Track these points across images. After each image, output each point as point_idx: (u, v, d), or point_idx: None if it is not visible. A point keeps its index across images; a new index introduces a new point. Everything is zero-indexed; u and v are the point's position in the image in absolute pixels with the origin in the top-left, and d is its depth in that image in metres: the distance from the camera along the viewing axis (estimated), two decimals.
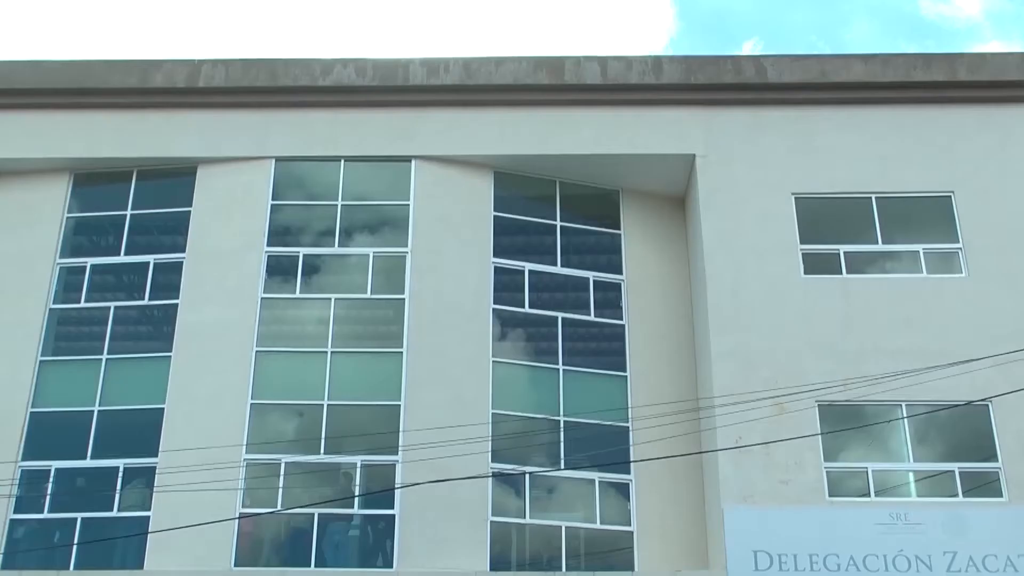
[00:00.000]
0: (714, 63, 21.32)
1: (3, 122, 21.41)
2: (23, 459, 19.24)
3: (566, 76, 21.07)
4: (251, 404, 19.11)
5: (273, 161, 20.88)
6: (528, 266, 20.52)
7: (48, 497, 19.05)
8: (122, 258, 20.80)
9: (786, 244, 19.70)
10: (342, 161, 20.94)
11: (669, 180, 21.17)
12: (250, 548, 18.41)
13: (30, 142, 21.27)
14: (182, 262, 20.37)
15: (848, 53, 21.74)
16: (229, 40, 66.16)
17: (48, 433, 19.52)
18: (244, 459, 18.55)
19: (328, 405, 19.11)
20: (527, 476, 18.67)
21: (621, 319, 20.44)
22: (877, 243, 19.91)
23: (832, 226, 20.00)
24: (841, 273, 19.58)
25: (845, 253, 19.77)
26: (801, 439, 17.55)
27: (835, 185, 20.25)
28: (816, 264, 19.62)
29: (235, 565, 18.01)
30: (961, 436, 18.26)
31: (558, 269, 20.68)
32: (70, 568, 18.27)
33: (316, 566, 18.06)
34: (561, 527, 18.62)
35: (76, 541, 18.54)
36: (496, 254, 20.39)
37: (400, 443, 18.40)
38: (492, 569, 17.91)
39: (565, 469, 18.87)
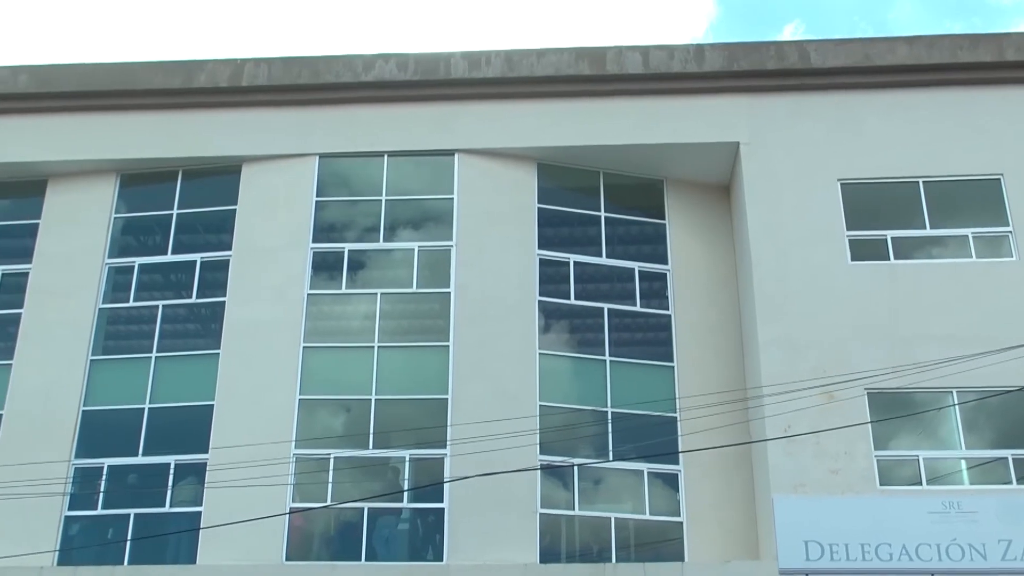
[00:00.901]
0: (756, 49, 21.15)
1: (51, 125, 21.68)
2: (76, 457, 19.49)
3: (608, 66, 20.99)
4: (299, 400, 19.26)
5: (317, 158, 20.99)
6: (573, 258, 20.49)
7: (101, 494, 19.25)
8: (169, 257, 21.00)
9: (832, 231, 19.52)
10: (385, 156, 21.02)
11: (713, 168, 21.05)
12: (301, 543, 18.56)
13: (77, 144, 21.53)
14: (228, 260, 20.56)
15: (892, 36, 21.49)
16: (270, 39, 66.52)
17: (100, 431, 19.77)
18: (293, 454, 18.68)
19: (376, 400, 19.20)
20: (575, 468, 18.66)
21: (667, 309, 20.37)
22: (925, 228, 19.70)
23: (879, 211, 19.79)
24: (888, 259, 19.39)
25: (892, 239, 19.57)
26: (851, 427, 17.40)
27: (881, 170, 20.04)
28: (863, 250, 19.43)
29: (286, 559, 18.16)
30: (1013, 422, 18.03)
31: (603, 260, 20.63)
32: (124, 563, 18.47)
33: (367, 560, 18.15)
34: (610, 518, 18.61)
35: (129, 537, 18.74)
36: (541, 246, 20.38)
37: (448, 437, 18.41)
38: (542, 561, 17.92)
39: (613, 460, 18.84)
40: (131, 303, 20.78)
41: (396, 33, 65.85)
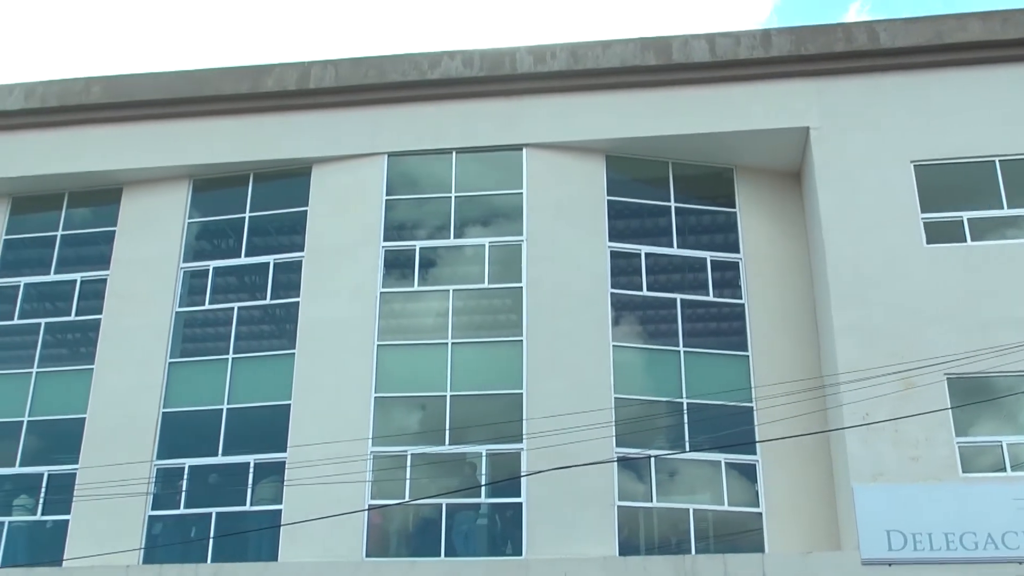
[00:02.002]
0: (824, 32, 20.84)
1: (125, 134, 22.06)
2: (158, 458, 19.83)
3: (674, 56, 20.83)
4: (375, 397, 19.39)
5: (386, 157, 21.11)
6: (644, 249, 20.40)
7: (183, 494, 19.56)
8: (243, 260, 21.27)
9: (906, 214, 19.20)
10: (453, 153, 21.08)
11: (783, 155, 20.81)
12: (380, 539, 18.72)
13: (151, 151, 21.89)
14: (301, 261, 20.76)
15: (963, 12, 21.05)
16: (336, 41, 66.99)
17: (180, 432, 20.11)
18: (370, 452, 18.82)
19: (451, 396, 19.26)
20: (652, 460, 18.58)
21: (740, 298, 20.19)
22: (1002, 208, 19.32)
23: (954, 193, 19.42)
24: (965, 241, 19.04)
25: (969, 220, 19.21)
26: (930, 414, 17.13)
27: (956, 150, 19.68)
28: (939, 233, 19.09)
29: (366, 556, 18.31)
30: None
31: (674, 250, 20.51)
32: (207, 561, 18.75)
33: (446, 555, 18.25)
34: (689, 510, 18.52)
35: (212, 535, 19.03)
36: (612, 238, 20.31)
37: (524, 431, 18.46)
38: (621, 554, 17.89)
39: (690, 451, 18.73)
40: (207, 306, 21.10)
41: (460, 30, 66.01)
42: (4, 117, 22.45)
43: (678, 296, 20.15)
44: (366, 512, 18.44)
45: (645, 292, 20.13)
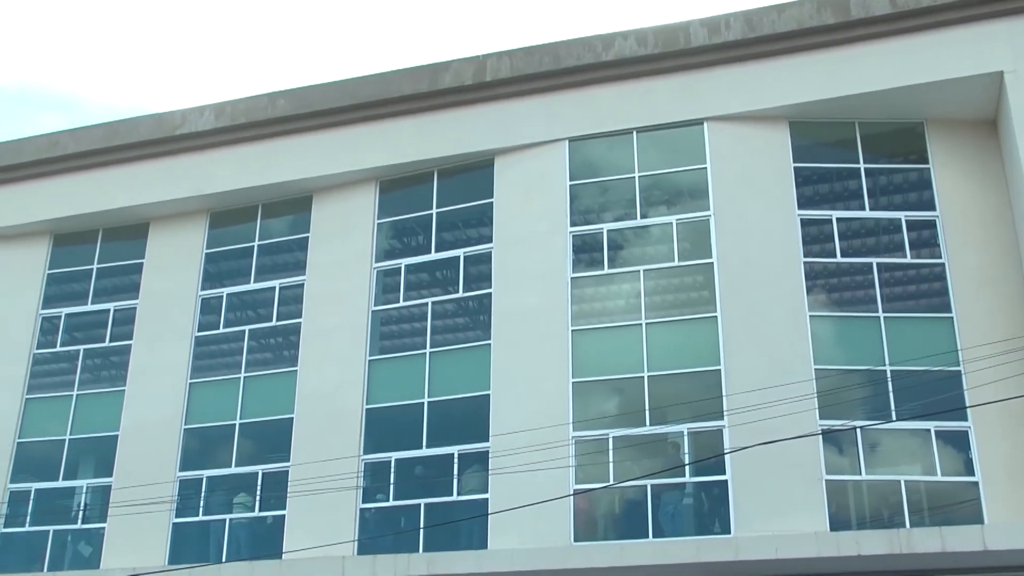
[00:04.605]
0: None
1: (311, 143, 22.72)
2: (364, 452, 20.36)
3: (852, 11, 20.17)
4: (572, 383, 19.46)
5: (567, 142, 21.13)
6: (835, 214, 19.88)
7: (391, 486, 20.06)
8: (433, 255, 21.62)
9: None
10: (634, 133, 20.93)
11: (976, 103, 19.92)
12: (587, 523, 18.80)
13: (337, 158, 22.47)
14: (491, 252, 21.00)
15: None
16: (508, 31, 67.30)
17: (384, 427, 20.62)
18: (572, 437, 18.91)
19: (648, 376, 19.18)
20: (858, 431, 18.10)
21: (940, 258, 19.45)
22: None
23: None
24: None
25: None
26: None
27: None
28: None
29: (574, 541, 18.41)
30: None
31: (867, 213, 19.92)
32: (419, 551, 19.17)
33: (654, 536, 18.20)
34: (900, 481, 17.97)
35: (422, 526, 19.42)
36: (800, 206, 19.86)
37: (724, 408, 18.24)
38: (832, 529, 17.51)
39: (897, 421, 18.17)
40: (401, 303, 21.54)
41: (630, 8, 65.47)
42: (198, 137, 23.44)
43: (874, 260, 19.57)
44: (571, 497, 18.54)
45: (839, 258, 19.62)
